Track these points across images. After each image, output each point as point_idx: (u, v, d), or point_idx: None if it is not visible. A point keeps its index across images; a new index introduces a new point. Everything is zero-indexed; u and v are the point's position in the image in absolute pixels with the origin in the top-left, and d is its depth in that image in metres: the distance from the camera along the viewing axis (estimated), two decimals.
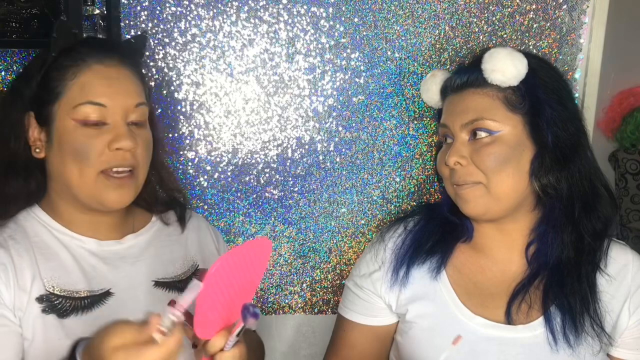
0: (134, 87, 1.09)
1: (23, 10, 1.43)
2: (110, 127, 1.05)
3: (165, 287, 1.13)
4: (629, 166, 1.99)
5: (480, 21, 1.63)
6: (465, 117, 1.13)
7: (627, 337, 1.17)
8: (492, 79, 1.11)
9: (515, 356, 1.13)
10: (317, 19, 1.57)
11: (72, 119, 1.04)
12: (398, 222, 1.28)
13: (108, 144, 1.04)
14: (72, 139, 1.04)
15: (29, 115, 1.08)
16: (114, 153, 1.05)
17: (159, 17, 1.53)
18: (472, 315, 1.15)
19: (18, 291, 1.01)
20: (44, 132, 1.07)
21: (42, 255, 1.06)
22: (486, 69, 1.11)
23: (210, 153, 1.60)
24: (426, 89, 1.24)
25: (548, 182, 1.12)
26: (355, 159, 1.65)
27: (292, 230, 1.66)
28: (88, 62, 1.06)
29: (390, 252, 1.23)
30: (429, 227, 1.23)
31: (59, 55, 1.07)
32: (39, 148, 1.08)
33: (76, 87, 1.05)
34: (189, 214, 1.24)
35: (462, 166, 1.13)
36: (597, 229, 1.16)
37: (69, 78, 1.05)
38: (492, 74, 1.11)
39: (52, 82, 1.06)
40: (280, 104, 1.60)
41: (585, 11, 1.66)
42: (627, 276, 1.17)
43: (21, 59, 1.51)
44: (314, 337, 1.67)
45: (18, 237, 1.07)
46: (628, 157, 1.99)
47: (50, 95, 1.06)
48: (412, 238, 1.23)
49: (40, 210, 1.11)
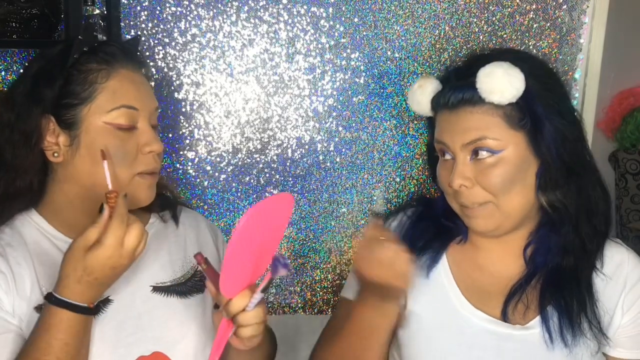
0: (151, 90, 1.12)
1: (23, 10, 1.42)
2: (138, 131, 1.06)
3: (164, 292, 1.12)
4: (629, 166, 1.99)
5: (480, 21, 1.63)
6: (466, 137, 1.09)
7: (621, 336, 1.17)
8: (489, 100, 1.07)
9: (513, 352, 1.13)
10: (317, 19, 1.57)
11: (105, 122, 1.03)
12: (398, 212, 1.28)
13: (140, 147, 1.06)
14: (105, 143, 1.03)
15: (47, 118, 1.04)
16: (145, 156, 1.06)
17: (159, 17, 1.53)
18: (473, 309, 1.15)
19: (18, 299, 1.00)
20: (65, 135, 1.04)
21: (40, 262, 1.04)
22: (483, 89, 1.07)
23: (210, 153, 1.60)
24: (416, 102, 1.18)
25: (555, 198, 1.11)
26: (355, 159, 1.65)
27: (292, 230, 1.66)
28: (115, 66, 1.06)
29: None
30: (422, 225, 1.23)
31: (80, 57, 1.05)
32: (57, 152, 1.05)
33: (108, 91, 1.04)
34: (179, 210, 1.23)
35: (468, 188, 1.10)
36: (598, 232, 1.15)
37: (100, 82, 1.04)
38: (490, 95, 1.07)
39: (78, 85, 1.04)
40: (280, 104, 1.60)
41: (585, 11, 1.66)
42: (622, 274, 1.17)
43: (21, 59, 1.51)
44: (314, 337, 1.67)
45: (15, 244, 1.05)
46: (628, 157, 1.99)
47: (76, 98, 1.03)
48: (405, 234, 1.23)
49: (37, 215, 1.08)
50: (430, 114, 1.18)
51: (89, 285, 0.93)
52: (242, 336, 0.97)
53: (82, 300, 0.93)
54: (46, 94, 1.04)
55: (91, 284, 0.93)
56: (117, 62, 1.06)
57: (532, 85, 1.08)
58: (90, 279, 0.92)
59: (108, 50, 1.07)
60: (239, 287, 0.94)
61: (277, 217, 0.96)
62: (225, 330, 0.98)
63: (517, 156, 1.09)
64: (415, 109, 1.19)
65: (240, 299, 0.94)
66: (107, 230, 0.92)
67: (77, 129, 1.04)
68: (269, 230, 0.95)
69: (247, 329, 0.96)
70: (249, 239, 0.91)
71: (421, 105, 1.17)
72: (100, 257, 0.91)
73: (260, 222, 0.91)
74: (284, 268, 0.91)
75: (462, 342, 1.15)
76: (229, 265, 0.91)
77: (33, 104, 1.04)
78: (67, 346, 0.92)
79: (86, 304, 0.94)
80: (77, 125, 1.04)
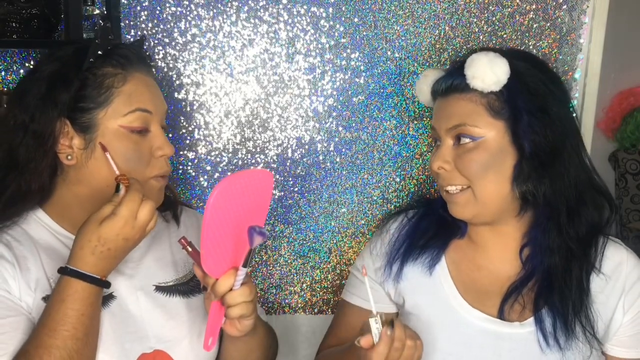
0: (161, 93, 1.13)
1: (23, 10, 1.42)
2: (151, 134, 1.08)
3: (167, 292, 1.13)
4: (629, 166, 1.99)
5: (480, 21, 1.63)
6: (449, 122, 1.14)
7: (622, 335, 1.17)
8: (473, 85, 1.12)
9: (510, 351, 1.14)
10: (317, 19, 1.57)
11: (121, 126, 1.04)
12: (399, 213, 1.30)
13: (153, 150, 1.07)
14: (120, 146, 1.04)
15: (62, 121, 1.04)
16: (157, 160, 1.08)
17: (159, 17, 1.53)
18: (470, 308, 1.16)
19: (25, 288, 1.01)
20: (79, 138, 1.05)
21: (47, 256, 1.05)
22: (467, 74, 1.12)
23: (210, 153, 1.60)
24: (419, 90, 1.25)
25: (527, 189, 1.13)
26: (355, 159, 1.65)
27: (292, 231, 1.66)
28: (130, 70, 1.07)
29: (387, 245, 1.26)
30: (423, 224, 1.25)
31: (95, 60, 1.05)
32: (70, 155, 1.05)
33: (124, 95, 1.05)
34: (180, 209, 1.24)
35: (446, 171, 1.15)
36: (580, 235, 1.16)
37: (116, 86, 1.05)
38: (472, 80, 1.12)
39: (94, 89, 1.04)
40: (280, 104, 1.60)
41: (585, 11, 1.66)
42: (622, 274, 1.18)
43: (21, 59, 1.51)
44: (314, 337, 1.67)
45: (21, 239, 1.06)
46: (628, 157, 1.99)
47: (93, 102, 1.04)
48: (405, 234, 1.25)
49: (42, 212, 1.09)
50: (431, 103, 1.24)
51: (102, 257, 0.95)
52: (232, 316, 0.99)
53: (95, 271, 0.96)
54: (62, 98, 1.04)
55: (104, 255, 0.95)
56: (131, 65, 1.07)
57: (518, 78, 1.12)
58: (103, 249, 0.94)
59: (122, 53, 1.08)
60: (223, 266, 0.95)
61: (255, 194, 0.95)
62: (217, 314, 0.99)
63: (495, 144, 1.12)
64: (420, 99, 1.26)
65: (225, 279, 0.96)
66: (122, 203, 0.94)
67: (93, 132, 1.04)
68: (247, 206, 0.94)
69: (236, 308, 0.98)
70: (224, 214, 0.91)
71: (423, 93, 1.24)
72: (114, 227, 0.94)
73: (234, 197, 0.91)
74: (260, 236, 0.92)
75: (459, 341, 1.16)
76: (208, 242, 0.92)
77: (49, 107, 1.04)
78: (83, 316, 0.95)
79: (99, 275, 0.96)
80: (92, 128, 1.04)
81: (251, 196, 0.95)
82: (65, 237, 1.08)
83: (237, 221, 0.94)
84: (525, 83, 1.13)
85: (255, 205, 0.97)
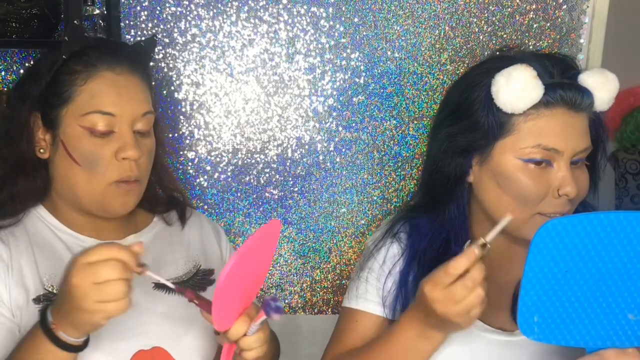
0: (142, 95, 1.09)
1: (23, 10, 1.42)
2: (116, 136, 1.05)
3: (165, 289, 1.13)
4: (629, 166, 1.99)
5: (480, 21, 1.63)
6: (581, 143, 1.04)
7: None
8: (599, 109, 1.06)
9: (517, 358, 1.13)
10: (317, 19, 1.58)
11: (80, 125, 1.04)
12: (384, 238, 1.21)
13: (115, 153, 1.04)
14: (79, 146, 1.04)
15: (35, 115, 1.07)
16: (120, 163, 1.04)
17: (159, 17, 1.53)
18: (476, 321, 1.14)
19: (17, 289, 1.01)
20: (49, 134, 1.07)
21: (41, 253, 1.06)
22: (600, 97, 1.05)
23: (210, 153, 1.60)
24: (528, 89, 1.01)
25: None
26: (355, 159, 1.65)
27: (292, 231, 1.66)
28: (98, 68, 1.05)
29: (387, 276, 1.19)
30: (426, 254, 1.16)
31: (69, 58, 1.06)
32: (43, 149, 1.07)
33: (86, 94, 1.04)
34: (189, 212, 1.24)
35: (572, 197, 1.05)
36: None
37: (79, 84, 1.04)
38: (602, 104, 1.06)
39: (61, 85, 1.05)
40: (280, 104, 1.60)
41: (585, 11, 1.66)
42: None
43: (21, 59, 1.51)
44: (314, 337, 1.67)
45: (18, 234, 1.06)
46: (628, 157, 1.99)
47: (58, 99, 1.05)
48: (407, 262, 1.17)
49: (42, 208, 1.11)
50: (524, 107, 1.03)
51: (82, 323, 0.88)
52: (248, 359, 0.96)
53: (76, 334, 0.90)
54: (32, 92, 1.06)
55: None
56: (101, 64, 1.05)
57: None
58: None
59: (95, 52, 1.06)
60: (232, 318, 0.92)
61: (266, 246, 0.94)
62: (229, 350, 0.97)
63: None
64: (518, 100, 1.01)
65: (238, 326, 0.92)
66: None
67: (57, 128, 1.05)
68: (259, 260, 0.93)
69: (252, 352, 0.95)
70: (239, 276, 0.89)
71: (531, 95, 1.01)
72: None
73: (250, 258, 0.89)
74: (276, 313, 0.89)
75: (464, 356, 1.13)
76: (220, 305, 0.89)
77: (20, 100, 1.08)
78: None
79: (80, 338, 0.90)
80: (57, 124, 1.06)
81: (260, 249, 0.92)
82: (61, 230, 1.09)
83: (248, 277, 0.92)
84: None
85: (264, 253, 0.95)
